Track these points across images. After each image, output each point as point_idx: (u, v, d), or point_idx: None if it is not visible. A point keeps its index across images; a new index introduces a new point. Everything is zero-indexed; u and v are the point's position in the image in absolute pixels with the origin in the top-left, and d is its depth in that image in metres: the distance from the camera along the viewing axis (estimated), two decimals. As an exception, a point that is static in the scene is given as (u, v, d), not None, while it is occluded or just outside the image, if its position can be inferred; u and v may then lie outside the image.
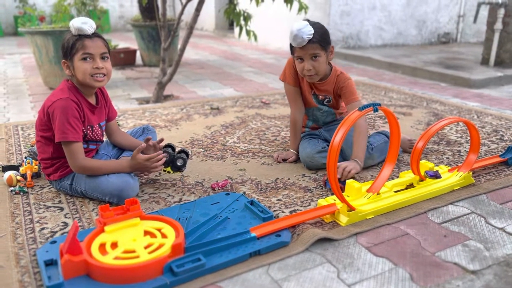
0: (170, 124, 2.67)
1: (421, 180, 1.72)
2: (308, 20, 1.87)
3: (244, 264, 1.26)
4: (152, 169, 1.68)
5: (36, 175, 1.86)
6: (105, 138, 1.92)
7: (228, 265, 1.25)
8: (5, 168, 1.89)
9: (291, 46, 1.89)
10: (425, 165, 1.78)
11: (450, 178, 1.77)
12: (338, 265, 1.27)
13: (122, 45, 5.91)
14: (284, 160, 2.05)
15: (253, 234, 1.34)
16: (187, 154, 1.81)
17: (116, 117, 1.90)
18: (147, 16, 4.95)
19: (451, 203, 1.64)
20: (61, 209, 1.61)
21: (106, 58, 1.66)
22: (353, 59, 5.29)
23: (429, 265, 1.27)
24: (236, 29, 3.59)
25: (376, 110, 1.40)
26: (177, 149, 1.84)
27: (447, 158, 2.10)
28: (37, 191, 1.74)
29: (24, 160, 1.87)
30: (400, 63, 4.64)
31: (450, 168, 1.86)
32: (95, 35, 1.63)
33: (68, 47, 1.61)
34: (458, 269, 1.26)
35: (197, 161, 2.07)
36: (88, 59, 1.61)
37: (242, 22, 3.55)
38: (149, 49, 4.98)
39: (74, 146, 1.59)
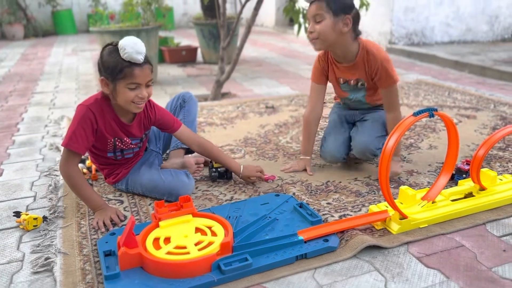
0: (225, 122, 2.73)
1: (482, 189, 1.63)
2: None
3: (290, 267, 1.28)
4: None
5: (100, 169, 1.98)
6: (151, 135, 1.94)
7: (274, 266, 1.27)
8: (73, 161, 2.03)
9: None
10: (487, 174, 1.68)
11: (515, 189, 1.66)
12: (386, 274, 1.25)
13: (184, 42, 6.09)
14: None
15: (301, 237, 1.35)
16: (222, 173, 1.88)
17: (180, 128, 1.76)
18: (208, 14, 5.07)
19: (514, 216, 1.54)
20: (121, 202, 1.71)
21: (150, 85, 1.58)
22: (416, 57, 5.08)
23: (484, 280, 1.21)
24: (295, 26, 3.58)
25: (432, 116, 1.35)
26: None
27: (513, 166, 1.97)
28: (101, 184, 1.86)
29: (90, 154, 2.00)
30: (467, 61, 4.39)
31: (515, 177, 1.75)
32: (144, 61, 1.52)
33: (115, 70, 1.50)
34: (516, 287, 1.19)
35: (249, 160, 2.10)
36: (134, 87, 1.53)
37: (301, 20, 3.53)
38: (209, 47, 5.10)
39: (71, 153, 1.55)
